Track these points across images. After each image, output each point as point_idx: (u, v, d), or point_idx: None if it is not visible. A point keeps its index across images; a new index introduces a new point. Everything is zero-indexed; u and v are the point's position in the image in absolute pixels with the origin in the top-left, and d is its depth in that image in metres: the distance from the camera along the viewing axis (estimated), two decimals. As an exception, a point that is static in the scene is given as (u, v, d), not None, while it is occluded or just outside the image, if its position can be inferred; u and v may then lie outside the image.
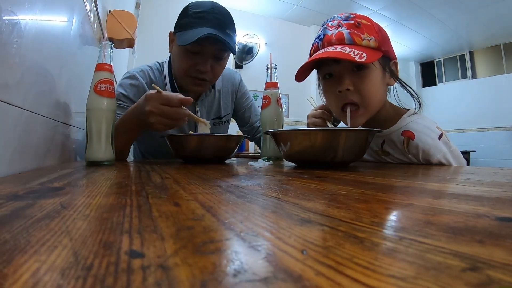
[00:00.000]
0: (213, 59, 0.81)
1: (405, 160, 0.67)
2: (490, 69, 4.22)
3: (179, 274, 0.09)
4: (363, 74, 0.61)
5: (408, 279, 0.08)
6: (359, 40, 0.59)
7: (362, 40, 0.59)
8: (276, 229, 0.14)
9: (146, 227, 0.14)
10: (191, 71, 0.79)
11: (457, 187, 0.28)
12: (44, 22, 0.52)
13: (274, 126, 0.75)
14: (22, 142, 0.44)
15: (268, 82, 0.77)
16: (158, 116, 0.62)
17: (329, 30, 0.63)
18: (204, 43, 0.75)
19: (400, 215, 0.17)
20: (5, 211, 0.17)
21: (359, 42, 0.59)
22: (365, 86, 0.61)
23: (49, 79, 0.56)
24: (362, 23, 0.61)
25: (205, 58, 0.79)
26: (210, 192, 0.24)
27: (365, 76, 0.61)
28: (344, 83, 0.61)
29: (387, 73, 0.65)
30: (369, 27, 0.61)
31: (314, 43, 0.67)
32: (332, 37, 0.62)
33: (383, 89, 0.66)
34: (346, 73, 0.62)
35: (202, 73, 0.80)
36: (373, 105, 0.64)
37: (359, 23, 0.61)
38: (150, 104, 0.62)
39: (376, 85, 0.63)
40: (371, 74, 0.62)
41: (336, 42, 0.61)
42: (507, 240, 0.12)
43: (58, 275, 0.09)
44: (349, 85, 0.61)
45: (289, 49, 3.67)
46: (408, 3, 3.13)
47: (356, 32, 0.60)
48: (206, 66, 0.79)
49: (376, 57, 0.59)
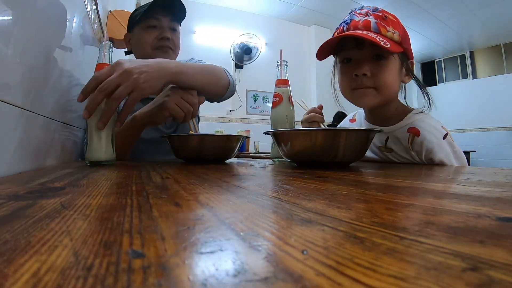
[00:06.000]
0: (170, 30, 0.91)
1: (408, 158, 0.67)
2: (490, 69, 4.21)
3: (180, 274, 0.09)
4: (382, 63, 0.63)
5: (409, 279, 0.08)
6: (384, 31, 0.61)
7: (387, 32, 0.61)
8: (276, 229, 0.14)
9: (147, 227, 0.14)
10: (156, 43, 0.89)
11: (457, 187, 0.28)
12: (45, 22, 0.52)
13: (285, 126, 0.73)
14: (22, 142, 0.44)
15: (279, 80, 0.75)
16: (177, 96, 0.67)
17: (356, 16, 0.65)
18: (159, 16, 0.87)
19: (401, 215, 0.17)
20: (5, 211, 0.17)
21: (384, 32, 0.61)
22: (382, 74, 0.63)
23: (49, 79, 0.56)
24: (389, 17, 0.63)
25: (163, 28, 0.90)
26: (210, 192, 0.24)
27: (383, 65, 0.63)
28: (362, 68, 0.63)
29: (404, 69, 0.67)
30: (395, 22, 0.63)
31: (339, 27, 0.68)
32: (359, 23, 0.63)
33: (398, 84, 0.67)
34: (365, 59, 0.64)
35: (165, 40, 0.89)
36: (386, 93, 0.65)
37: (386, 17, 0.63)
38: (171, 88, 0.68)
39: (392, 77, 0.64)
40: (390, 65, 0.63)
41: (362, 28, 0.62)
42: (508, 240, 0.12)
43: (59, 275, 0.09)
44: (367, 70, 0.63)
45: (290, 49, 3.67)
46: (409, 3, 3.13)
47: (382, 23, 0.62)
48: (166, 33, 0.89)
49: (398, 50, 0.61)
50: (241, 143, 0.71)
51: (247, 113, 3.62)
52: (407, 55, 0.67)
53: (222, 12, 3.43)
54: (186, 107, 0.68)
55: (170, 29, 0.92)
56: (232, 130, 3.10)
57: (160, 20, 0.89)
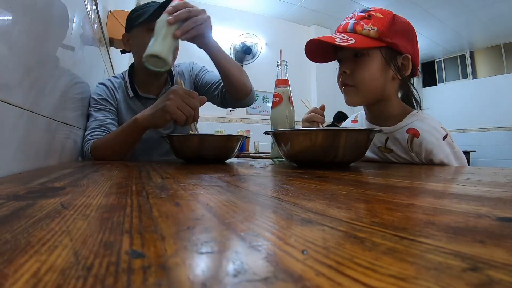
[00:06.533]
0: None
1: (407, 158, 0.67)
2: (490, 69, 4.21)
3: (180, 274, 0.09)
4: (359, 60, 0.66)
5: (409, 279, 0.08)
6: (360, 30, 0.64)
7: (362, 30, 0.63)
8: (276, 229, 0.14)
9: (147, 227, 0.14)
10: None
11: (457, 187, 0.28)
12: (45, 22, 0.52)
13: (285, 126, 0.73)
14: (22, 142, 0.44)
15: (278, 80, 0.75)
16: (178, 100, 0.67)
17: (343, 21, 0.70)
18: None
19: (401, 215, 0.17)
20: (5, 211, 0.17)
21: (359, 31, 0.64)
22: (359, 71, 0.66)
23: (49, 79, 0.56)
24: (375, 15, 0.65)
25: None
26: (210, 192, 0.24)
27: (360, 62, 0.66)
28: (342, 66, 0.69)
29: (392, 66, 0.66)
30: (380, 19, 0.64)
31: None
32: (340, 27, 0.69)
33: (381, 80, 0.67)
34: (346, 58, 0.68)
35: None
36: (365, 90, 0.67)
37: (370, 15, 0.65)
38: (173, 91, 0.69)
39: (371, 73, 0.66)
40: (368, 62, 0.65)
41: (341, 31, 0.67)
42: (508, 240, 0.12)
43: (59, 275, 0.09)
44: (346, 69, 0.67)
45: (290, 49, 3.66)
46: (408, 3, 3.13)
47: (361, 22, 0.64)
48: None
49: (370, 45, 0.63)
50: (241, 143, 0.71)
51: (247, 113, 3.61)
52: (396, 50, 0.65)
53: (222, 12, 3.43)
54: (187, 110, 0.68)
55: None
56: (232, 130, 3.10)
57: None
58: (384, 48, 0.64)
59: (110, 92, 0.91)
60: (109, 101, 0.90)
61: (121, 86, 0.95)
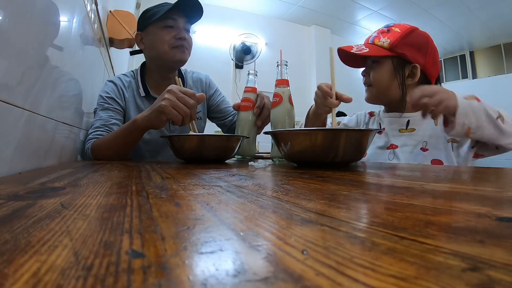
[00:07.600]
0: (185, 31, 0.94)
1: (432, 135, 0.76)
2: (490, 69, 4.21)
3: (180, 274, 0.09)
4: (374, 66, 0.82)
5: (409, 279, 0.08)
6: (377, 42, 0.80)
7: (378, 42, 0.79)
8: (276, 229, 0.14)
9: (147, 227, 0.14)
10: (174, 42, 0.91)
11: (457, 187, 0.28)
12: (44, 22, 0.52)
13: (285, 126, 0.73)
14: (22, 142, 0.44)
15: (278, 80, 0.75)
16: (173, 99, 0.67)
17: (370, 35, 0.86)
18: (175, 17, 0.90)
19: (401, 215, 0.17)
20: (5, 211, 0.17)
21: (376, 42, 0.80)
22: (373, 73, 0.82)
23: (49, 79, 0.56)
24: (393, 30, 0.79)
25: (180, 29, 0.92)
26: (210, 192, 0.24)
27: (374, 68, 0.82)
28: (363, 70, 0.86)
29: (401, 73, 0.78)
30: (394, 33, 0.78)
31: None
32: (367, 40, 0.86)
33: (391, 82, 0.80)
34: (367, 65, 0.85)
35: (182, 40, 0.91)
36: (378, 88, 0.82)
37: (389, 30, 0.80)
38: (168, 90, 0.68)
39: (382, 76, 0.80)
40: (381, 67, 0.80)
41: (364, 43, 0.84)
42: (508, 240, 0.12)
43: (59, 275, 0.09)
44: (364, 72, 0.86)
45: (290, 49, 3.67)
46: (408, 3, 3.13)
47: (380, 35, 0.80)
48: (183, 33, 0.92)
49: (381, 54, 0.78)
50: (241, 143, 0.71)
51: (247, 113, 3.61)
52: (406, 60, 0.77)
53: (222, 12, 3.43)
54: (183, 110, 0.67)
55: (185, 29, 0.94)
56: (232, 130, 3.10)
57: (177, 21, 0.91)
58: (395, 57, 0.77)
59: (118, 90, 0.91)
60: (116, 100, 0.89)
61: (130, 85, 0.95)
